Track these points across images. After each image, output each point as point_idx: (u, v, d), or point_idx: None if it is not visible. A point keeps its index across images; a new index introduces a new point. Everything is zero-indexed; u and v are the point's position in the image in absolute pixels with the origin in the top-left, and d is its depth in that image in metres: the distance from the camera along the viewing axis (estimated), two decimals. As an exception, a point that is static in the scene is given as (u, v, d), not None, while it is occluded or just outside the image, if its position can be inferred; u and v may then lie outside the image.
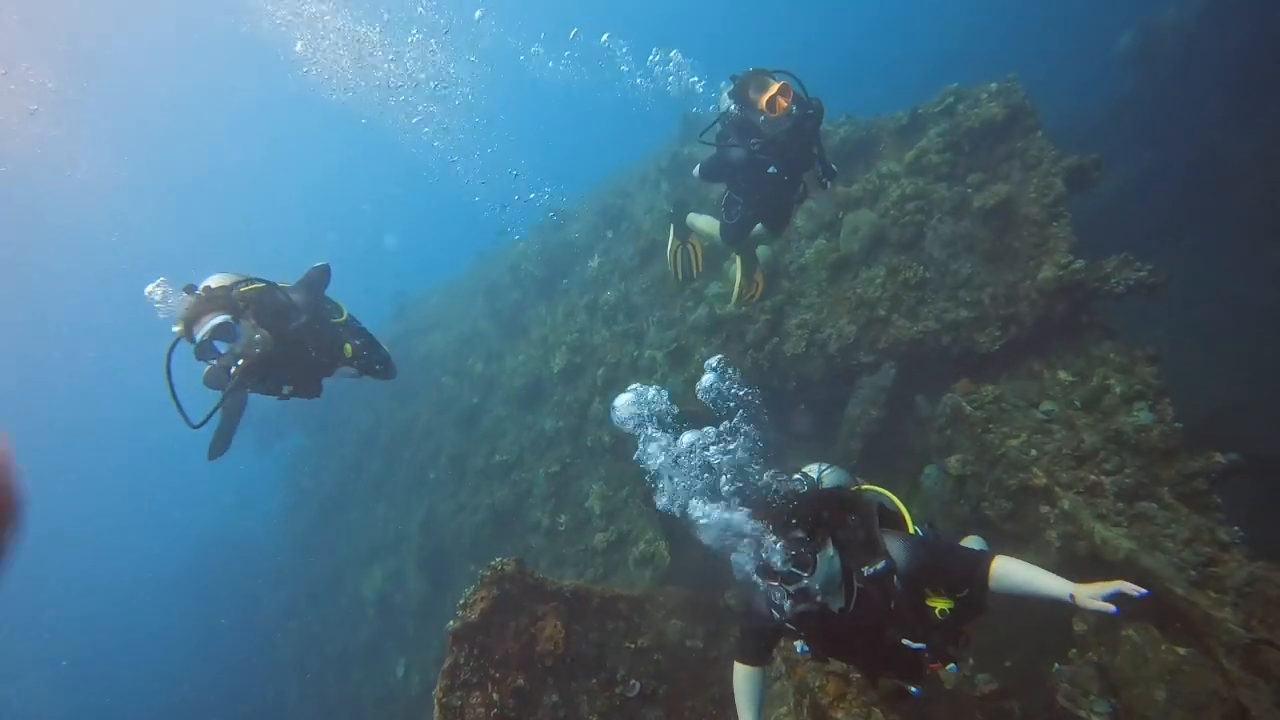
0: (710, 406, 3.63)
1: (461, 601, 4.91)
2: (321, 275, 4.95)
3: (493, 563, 5.00)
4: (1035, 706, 5.18)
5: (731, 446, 3.36)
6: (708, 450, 3.36)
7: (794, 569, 2.93)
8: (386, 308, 15.78)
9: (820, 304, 7.86)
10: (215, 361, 4.29)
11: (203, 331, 4.18)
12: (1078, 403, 6.47)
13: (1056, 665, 5.24)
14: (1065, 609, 5.47)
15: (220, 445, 5.02)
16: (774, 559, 2.93)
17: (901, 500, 3.59)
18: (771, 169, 5.46)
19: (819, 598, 2.98)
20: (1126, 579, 5.04)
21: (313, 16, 8.79)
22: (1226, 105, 11.03)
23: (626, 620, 5.72)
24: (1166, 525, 5.34)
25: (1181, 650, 4.81)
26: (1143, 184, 11.75)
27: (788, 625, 3.16)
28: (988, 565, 3.06)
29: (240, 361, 4.24)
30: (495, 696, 4.72)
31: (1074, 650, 5.28)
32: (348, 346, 4.90)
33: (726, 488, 3.21)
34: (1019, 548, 6.02)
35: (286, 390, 4.79)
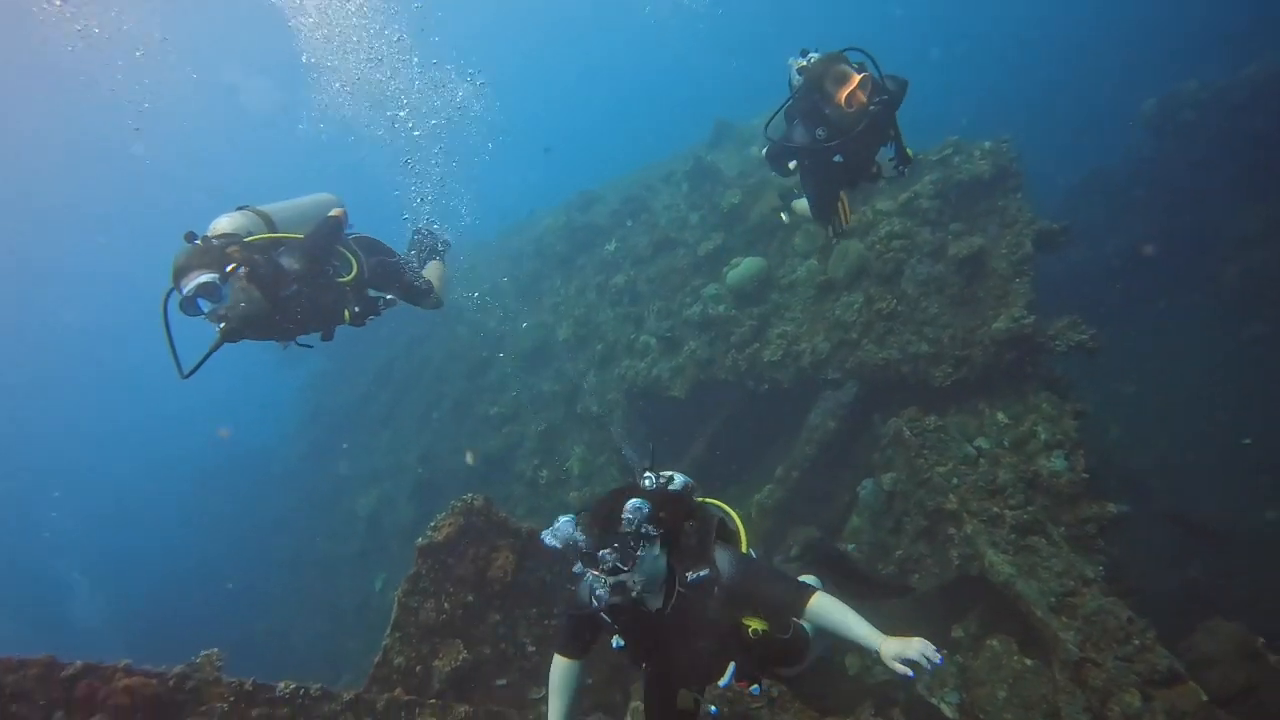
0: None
1: (433, 524, 5.86)
2: (331, 230, 4.79)
3: (465, 496, 5.93)
4: (895, 690, 6.06)
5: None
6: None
7: (616, 562, 2.93)
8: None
9: (802, 319, 8.65)
10: (203, 316, 4.27)
11: (188, 289, 4.09)
12: (1006, 443, 7.24)
13: (925, 660, 6.09)
14: (954, 606, 6.35)
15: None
16: (598, 549, 2.95)
17: (744, 521, 3.67)
18: (837, 158, 5.15)
19: (634, 594, 2.98)
20: (1003, 599, 5.92)
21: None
22: (1230, 183, 11.57)
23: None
24: (1047, 559, 6.14)
25: (1029, 661, 5.68)
26: (1139, 246, 12.33)
27: (603, 616, 3.15)
28: (807, 597, 3.10)
29: (221, 325, 4.27)
30: (446, 606, 5.69)
31: (945, 650, 6.13)
32: (346, 313, 4.81)
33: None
34: (927, 563, 6.89)
35: (284, 343, 4.80)
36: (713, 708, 3.56)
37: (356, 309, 4.84)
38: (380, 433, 14.23)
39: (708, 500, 3.71)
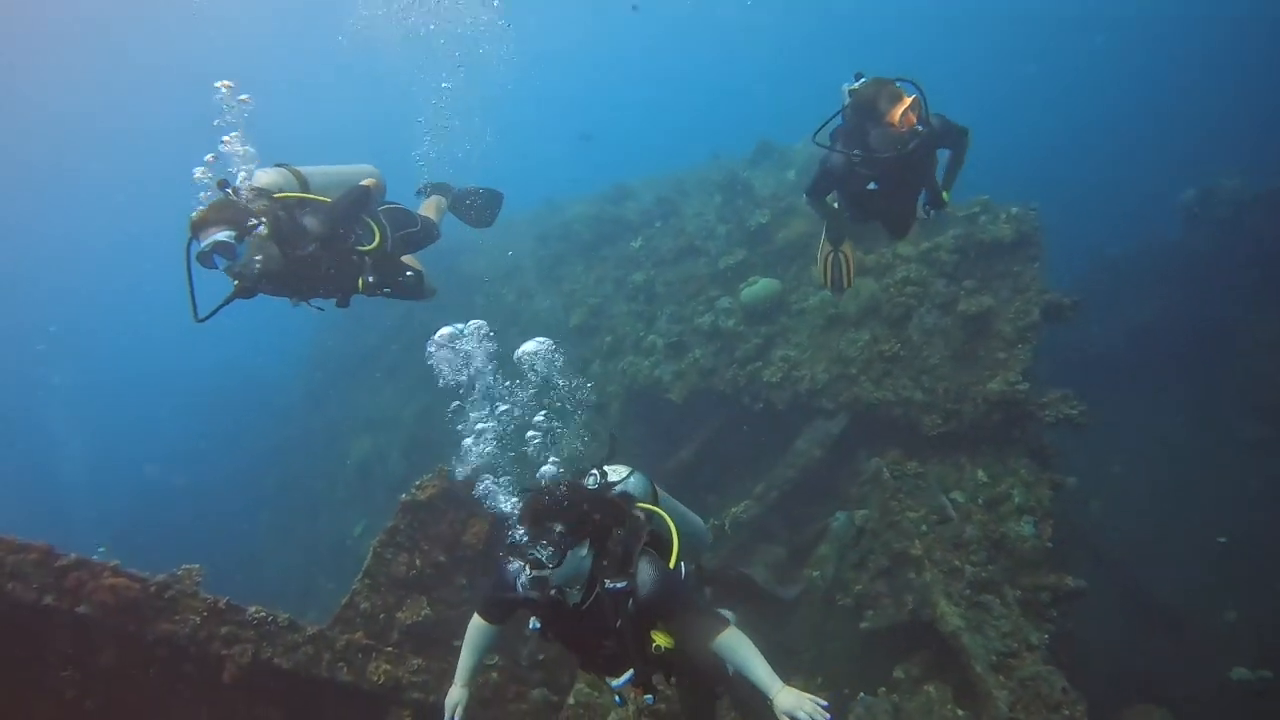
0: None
1: (418, 483, 6.13)
2: (357, 198, 4.82)
3: (454, 461, 6.19)
4: None
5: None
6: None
7: (540, 558, 3.01)
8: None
9: (807, 346, 8.86)
10: (220, 270, 4.31)
11: (205, 244, 4.13)
12: (980, 500, 7.44)
13: (861, 694, 6.33)
14: (901, 647, 6.55)
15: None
16: (526, 543, 3.04)
17: (681, 534, 3.67)
18: (871, 185, 5.09)
19: (553, 591, 3.11)
20: (948, 649, 6.12)
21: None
22: (1254, 286, 11.67)
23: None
24: (996, 618, 6.35)
25: (961, 712, 5.90)
26: (1157, 328, 12.46)
27: (526, 601, 3.28)
28: (717, 631, 3.19)
29: (235, 283, 4.36)
30: (418, 562, 5.97)
31: (884, 688, 6.37)
32: (360, 281, 4.82)
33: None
34: (884, 601, 7.10)
35: (292, 299, 4.84)
36: (617, 698, 3.66)
37: (371, 279, 4.84)
38: (383, 385, 14.52)
39: (647, 506, 3.70)
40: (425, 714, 5.34)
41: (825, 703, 2.93)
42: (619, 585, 3.15)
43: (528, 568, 3.05)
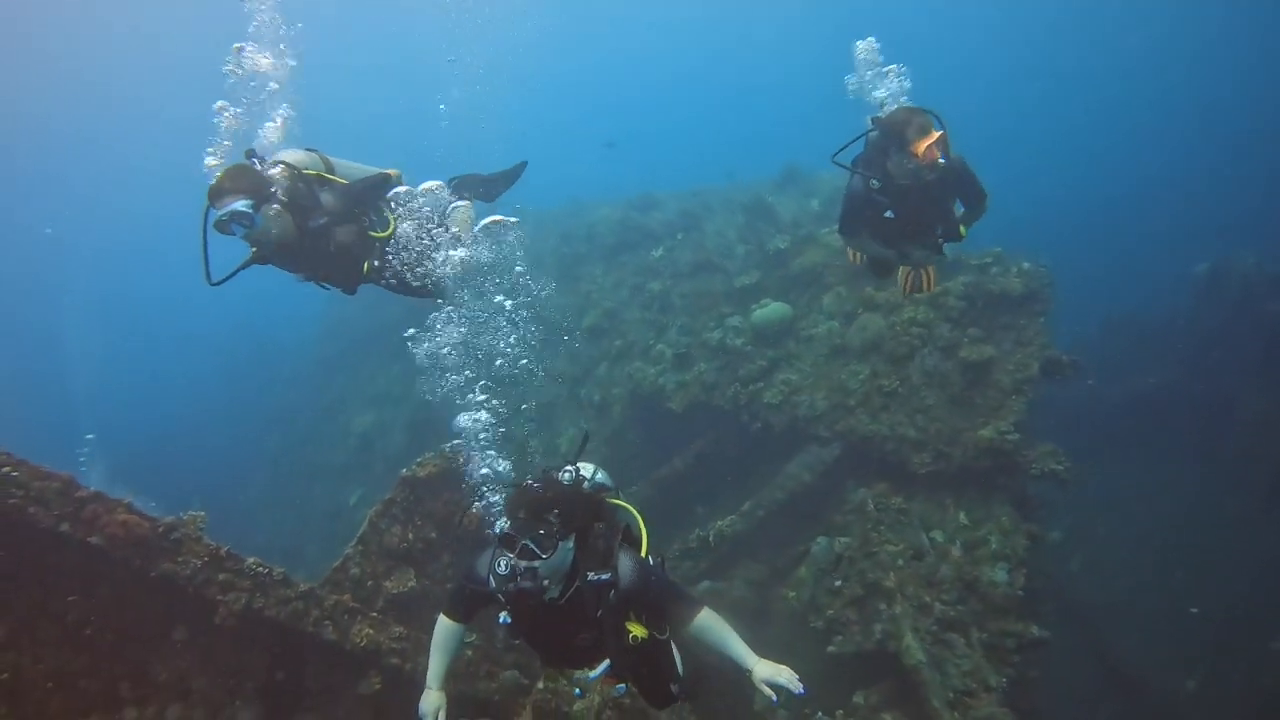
0: None
1: (419, 459, 6.38)
2: (375, 183, 4.87)
3: (456, 443, 6.44)
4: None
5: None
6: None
7: (535, 548, 3.05)
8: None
9: (809, 373, 9.08)
10: (237, 236, 4.31)
11: (223, 212, 4.13)
12: (958, 542, 7.63)
13: (819, 713, 6.54)
14: (864, 674, 6.75)
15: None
16: (519, 533, 3.07)
17: (648, 528, 3.74)
18: (888, 214, 5.05)
19: (545, 582, 3.11)
20: (909, 682, 6.31)
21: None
22: (1256, 364, 11.82)
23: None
24: (958, 657, 6.56)
25: (912, 744, 6.10)
26: (1159, 396, 12.63)
27: (499, 595, 3.28)
28: (695, 612, 3.34)
29: (253, 250, 4.40)
30: (410, 536, 6.21)
31: (841, 711, 6.59)
32: (365, 264, 4.81)
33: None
34: (853, 628, 7.30)
35: (302, 276, 4.84)
36: (577, 690, 3.91)
37: (377, 263, 4.82)
38: (393, 362, 14.79)
39: (616, 502, 3.79)
40: (399, 681, 5.58)
41: (798, 675, 3.08)
42: (602, 577, 3.21)
43: (516, 558, 3.06)
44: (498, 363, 5.15)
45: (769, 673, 3.10)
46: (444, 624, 3.69)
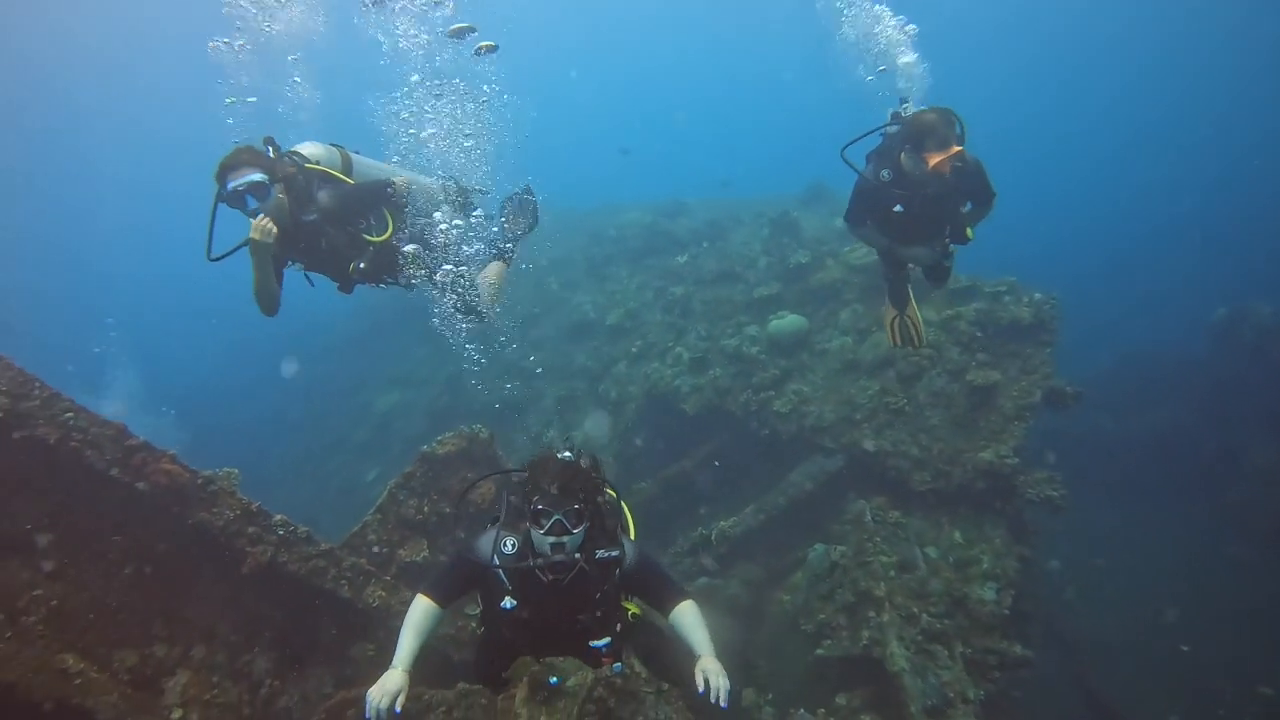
0: None
1: (440, 437, 6.76)
2: (376, 188, 4.86)
3: (476, 425, 6.81)
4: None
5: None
6: None
7: (568, 524, 3.11)
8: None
9: (820, 385, 9.36)
10: (246, 212, 4.31)
11: (238, 183, 4.17)
12: (951, 559, 7.88)
13: (802, 710, 6.81)
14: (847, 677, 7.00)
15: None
16: (553, 507, 3.10)
17: (634, 516, 3.88)
18: (898, 208, 4.97)
19: (577, 555, 3.16)
20: (891, 688, 6.55)
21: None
22: (1266, 414, 11.93)
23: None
24: (940, 667, 6.79)
25: (888, 746, 6.36)
26: (1168, 436, 12.75)
27: (499, 574, 3.30)
28: (679, 599, 3.45)
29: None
30: (425, 508, 6.59)
31: (823, 710, 6.86)
32: (352, 265, 4.77)
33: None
34: (841, 633, 7.56)
35: (295, 264, 4.80)
36: (554, 678, 3.92)
37: (362, 264, 4.77)
38: (420, 345, 15.24)
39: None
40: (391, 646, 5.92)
41: (729, 690, 3.10)
42: (612, 554, 3.28)
43: (545, 533, 3.09)
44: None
45: (712, 669, 3.16)
46: (423, 604, 3.41)
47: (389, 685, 3.09)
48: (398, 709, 3.06)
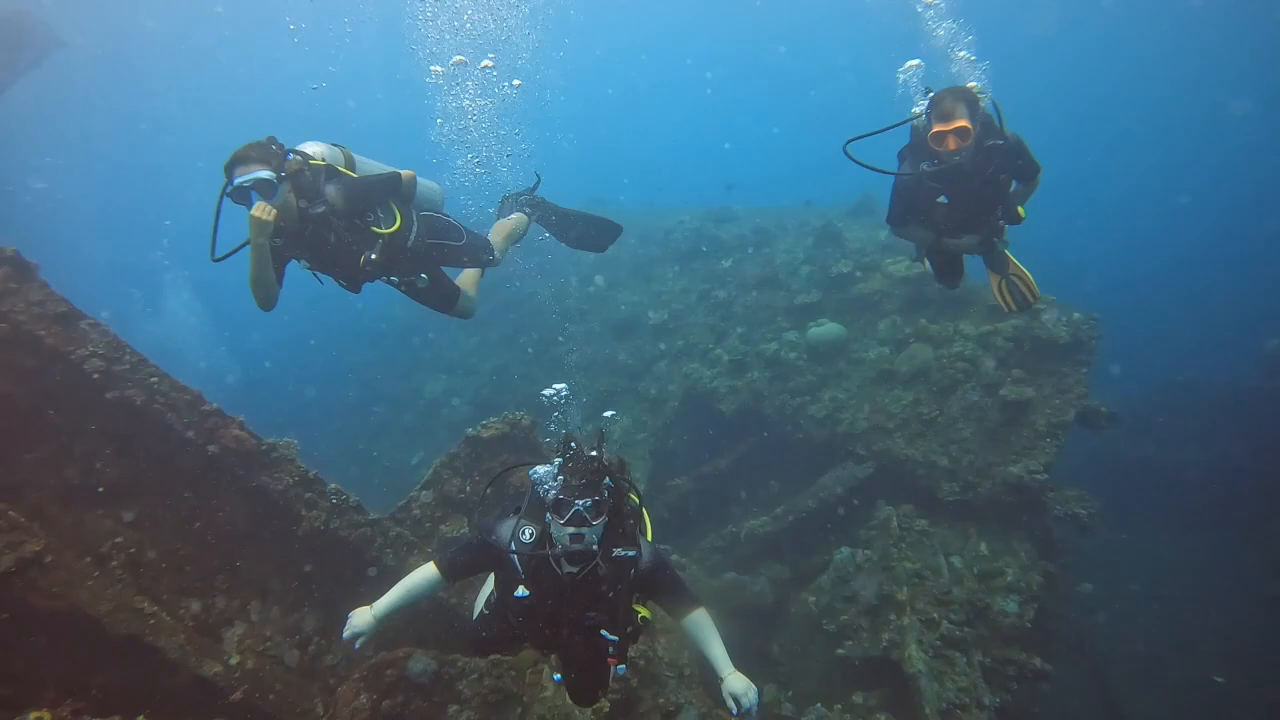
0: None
1: (484, 422, 7.13)
2: (384, 181, 4.83)
3: (519, 412, 7.18)
4: None
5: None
6: None
7: (588, 515, 3.14)
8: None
9: (855, 392, 9.54)
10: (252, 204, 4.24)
11: (245, 179, 4.13)
12: (975, 570, 8.00)
13: (819, 705, 7.01)
14: (867, 677, 7.19)
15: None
16: (575, 500, 3.13)
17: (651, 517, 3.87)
18: (942, 199, 4.80)
19: (595, 546, 3.19)
20: (908, 690, 6.73)
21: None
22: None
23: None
24: (957, 673, 6.94)
25: (903, 745, 6.54)
26: (1213, 466, 12.57)
27: (514, 561, 3.34)
28: (693, 608, 3.50)
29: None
30: (467, 487, 6.96)
31: (840, 706, 7.06)
32: (362, 258, 4.69)
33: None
34: (862, 634, 7.74)
35: (302, 263, 4.73)
36: (557, 676, 3.96)
37: (374, 255, 4.68)
38: (470, 335, 15.72)
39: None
40: (443, 608, 6.24)
41: (759, 701, 3.27)
42: (629, 554, 3.28)
43: (569, 527, 3.13)
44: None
45: (739, 687, 3.27)
46: (428, 571, 3.59)
47: (357, 624, 3.45)
48: (356, 646, 3.45)
